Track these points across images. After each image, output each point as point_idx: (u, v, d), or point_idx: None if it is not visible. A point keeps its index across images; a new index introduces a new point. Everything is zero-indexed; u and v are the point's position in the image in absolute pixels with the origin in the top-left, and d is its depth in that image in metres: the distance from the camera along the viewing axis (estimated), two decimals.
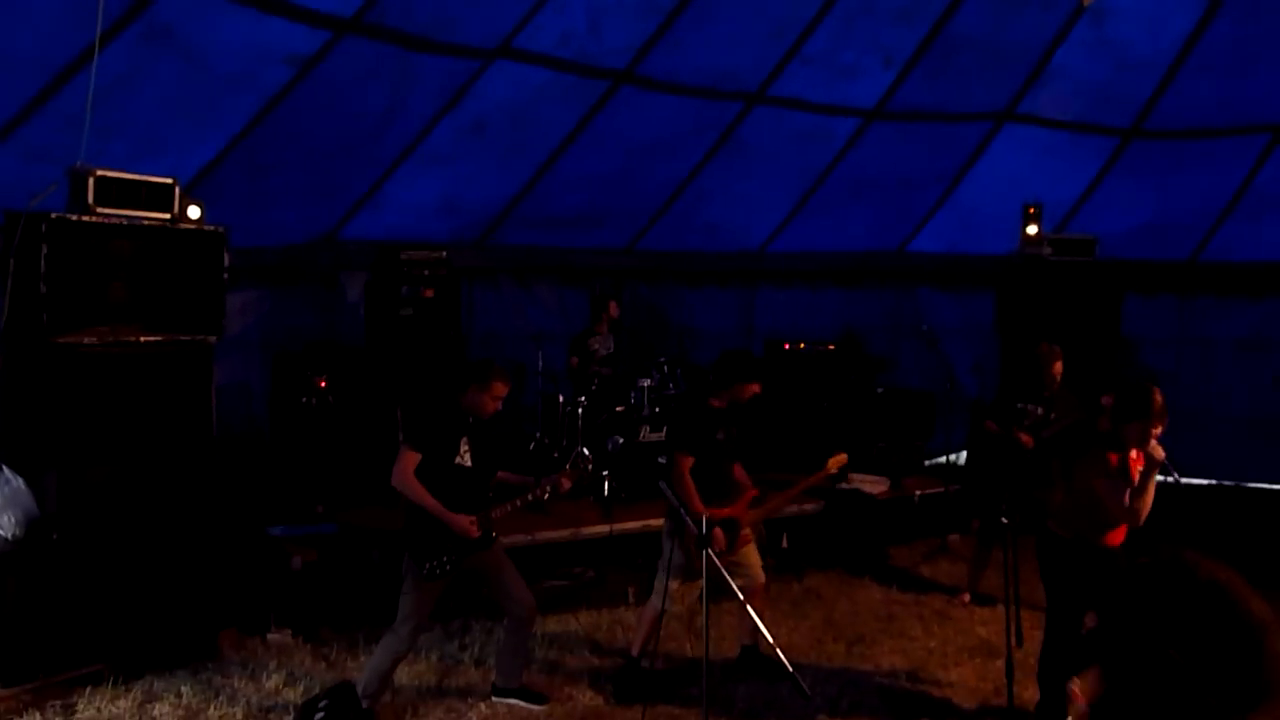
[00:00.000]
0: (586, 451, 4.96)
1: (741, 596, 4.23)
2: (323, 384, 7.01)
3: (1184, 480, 9.19)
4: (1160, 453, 4.40)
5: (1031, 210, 8.66)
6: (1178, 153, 8.72)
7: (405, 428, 5.61)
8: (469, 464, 4.68)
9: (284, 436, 7.02)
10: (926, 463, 9.00)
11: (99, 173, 5.08)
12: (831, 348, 9.12)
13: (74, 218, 5.02)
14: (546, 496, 4.85)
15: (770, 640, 4.11)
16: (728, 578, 4.17)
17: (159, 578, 5.30)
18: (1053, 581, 4.72)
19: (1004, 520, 4.73)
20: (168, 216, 5.36)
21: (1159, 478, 4.50)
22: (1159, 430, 4.42)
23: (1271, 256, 8.95)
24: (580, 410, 7.65)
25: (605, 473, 7.21)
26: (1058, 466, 6.34)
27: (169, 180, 5.37)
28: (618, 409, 7.84)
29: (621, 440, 7.54)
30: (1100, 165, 9.03)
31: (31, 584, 4.88)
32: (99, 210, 5.10)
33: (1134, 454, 4.51)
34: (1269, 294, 9.12)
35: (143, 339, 5.30)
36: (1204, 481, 9.21)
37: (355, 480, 6.90)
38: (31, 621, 4.88)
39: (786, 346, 9.03)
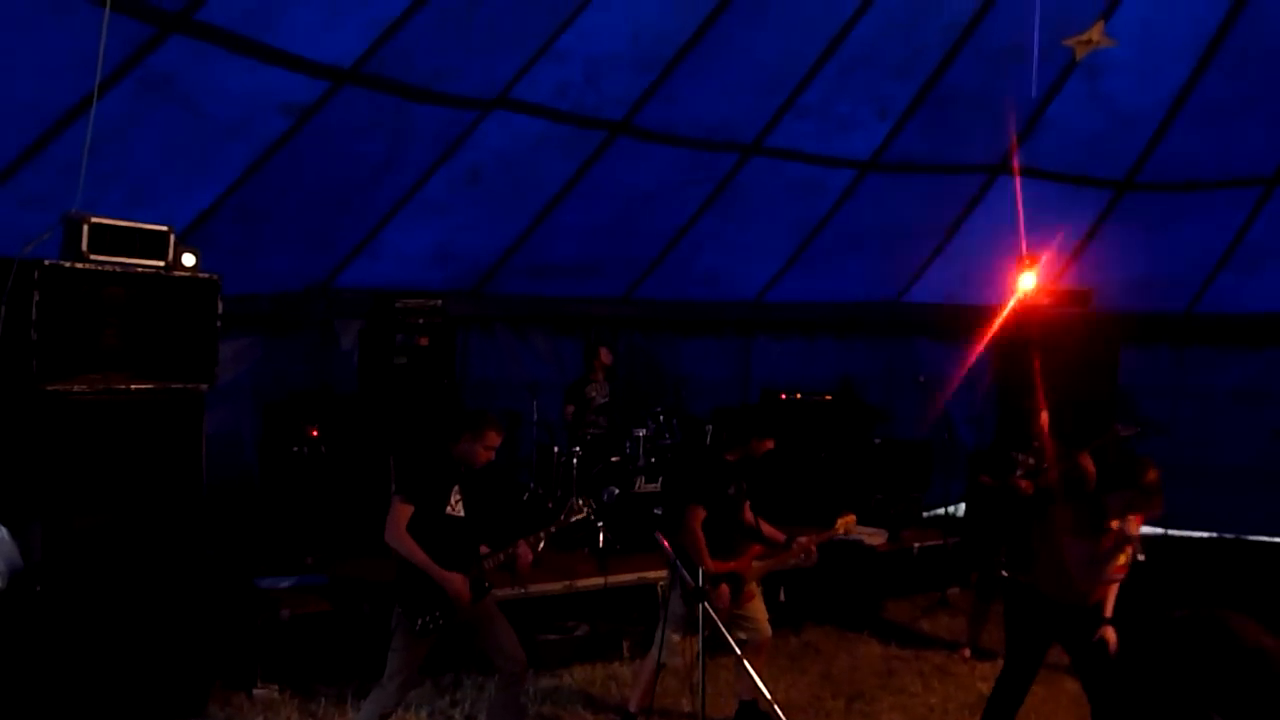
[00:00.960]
0: (582, 502, 4.92)
1: (739, 651, 4.17)
2: (315, 433, 6.96)
3: (1182, 533, 9.16)
4: (1134, 528, 4.38)
5: (1028, 261, 8.69)
6: (1171, 205, 8.80)
7: (398, 478, 5.55)
8: (461, 514, 4.62)
9: (275, 486, 6.96)
10: (925, 514, 8.94)
11: (93, 220, 5.08)
12: (828, 398, 9.10)
13: (67, 265, 5.01)
14: (540, 547, 4.79)
15: (768, 697, 4.04)
16: (724, 633, 4.11)
17: (144, 630, 5.21)
18: (1010, 627, 4.78)
19: (1003, 573, 4.69)
20: (162, 264, 5.36)
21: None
22: (1150, 514, 4.41)
23: (1267, 308, 9.00)
24: (575, 460, 7.61)
25: (600, 524, 7.15)
26: None
27: (164, 228, 5.37)
28: (613, 459, 7.81)
29: (617, 491, 7.48)
30: (1095, 217, 9.11)
31: (14, 637, 4.79)
32: (93, 257, 5.09)
33: (1114, 523, 4.47)
34: (1265, 345, 9.16)
35: (134, 387, 5.25)
36: (1202, 534, 9.16)
37: (347, 531, 6.82)
38: (13, 675, 4.78)
39: (783, 397, 9.01)
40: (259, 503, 6.96)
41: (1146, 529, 8.97)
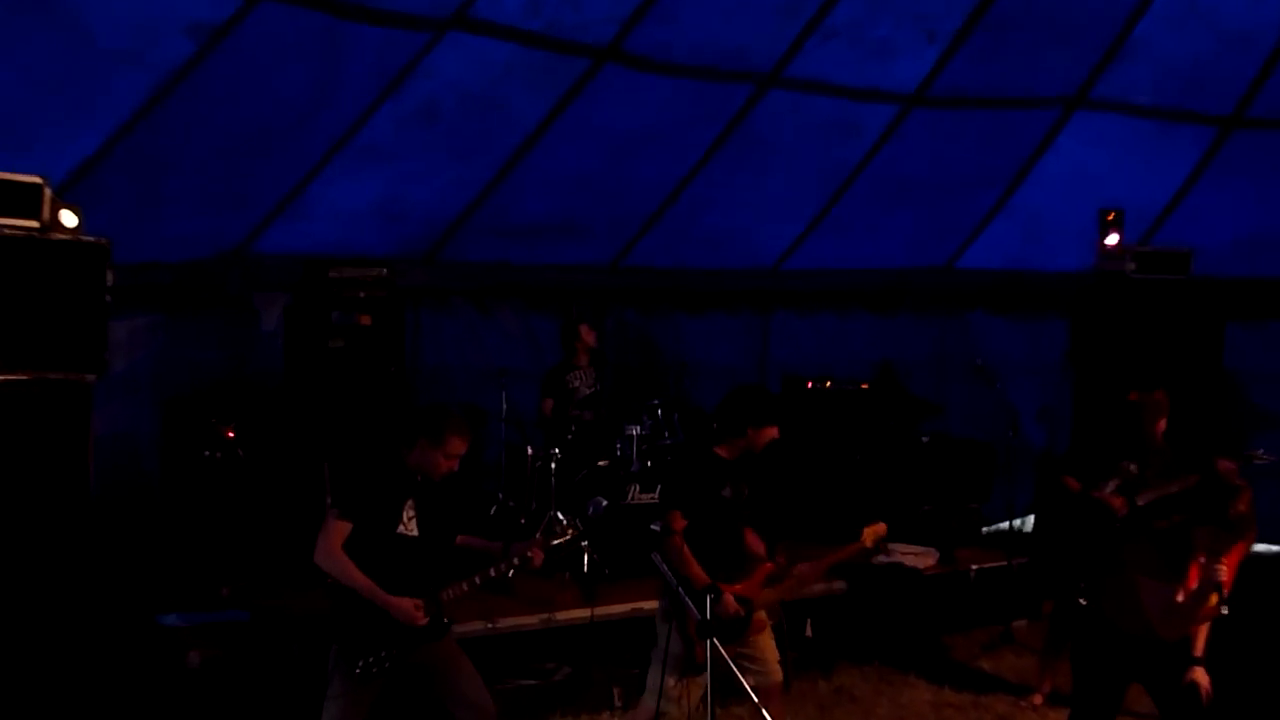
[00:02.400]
0: (562, 516, 4.87)
1: (755, 698, 4.13)
2: (230, 434, 6.93)
3: None
4: (1223, 574, 4.44)
5: (1111, 217, 8.67)
6: None
7: (334, 490, 5.50)
8: (414, 533, 4.60)
9: (180, 500, 6.92)
10: (984, 530, 8.93)
11: None
12: (865, 387, 9.08)
13: None
14: (512, 573, 4.77)
15: None
16: (737, 673, 4.08)
17: (19, 679, 5.17)
18: (1077, 663, 4.89)
19: (1082, 602, 4.67)
20: (35, 225, 5.33)
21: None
22: (1237, 552, 4.50)
23: None
24: (554, 465, 7.59)
25: (585, 543, 7.13)
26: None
27: (37, 180, 5.33)
28: (600, 463, 7.79)
29: (605, 503, 7.48)
30: (1194, 162, 9.09)
31: None
32: None
33: (1201, 558, 4.54)
34: None
35: (3, 379, 5.23)
36: None
37: (270, 555, 6.80)
38: None
39: (809, 385, 8.98)
40: (161, 520, 6.93)
41: (1262, 546, 9.05)
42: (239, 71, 6.49)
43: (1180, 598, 4.50)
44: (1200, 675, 4.57)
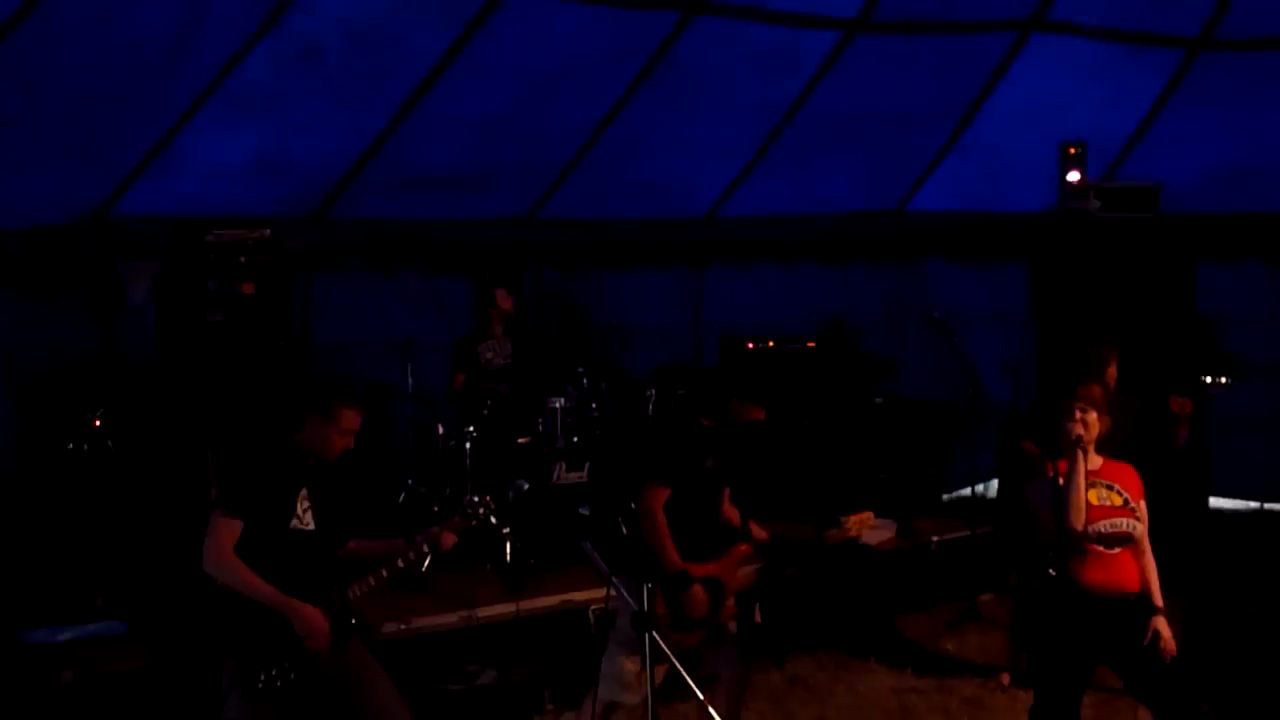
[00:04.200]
0: (479, 500, 4.88)
1: (701, 695, 4.18)
2: (97, 423, 6.84)
3: None
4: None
5: (1073, 151, 8.79)
6: (1263, 68, 8.96)
7: (219, 483, 5.45)
8: (311, 526, 4.58)
9: (43, 500, 6.84)
10: (945, 497, 9.10)
11: None
12: (811, 345, 9.15)
13: None
14: (426, 563, 4.77)
15: None
16: (679, 667, 4.12)
17: None
18: (1032, 643, 5.18)
19: (1051, 572, 4.79)
20: None
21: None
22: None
23: None
24: (468, 444, 7.59)
25: (507, 530, 7.14)
26: None
27: None
28: (520, 440, 7.80)
29: (527, 485, 7.41)
30: (1160, 88, 9.23)
31: None
32: None
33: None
34: None
35: None
36: None
37: (149, 558, 6.71)
38: None
39: (750, 346, 9.02)
40: (21, 523, 6.83)
41: (1233, 502, 9.32)
42: (91, 8, 6.38)
43: (1059, 477, 4.91)
44: (1160, 625, 4.79)
